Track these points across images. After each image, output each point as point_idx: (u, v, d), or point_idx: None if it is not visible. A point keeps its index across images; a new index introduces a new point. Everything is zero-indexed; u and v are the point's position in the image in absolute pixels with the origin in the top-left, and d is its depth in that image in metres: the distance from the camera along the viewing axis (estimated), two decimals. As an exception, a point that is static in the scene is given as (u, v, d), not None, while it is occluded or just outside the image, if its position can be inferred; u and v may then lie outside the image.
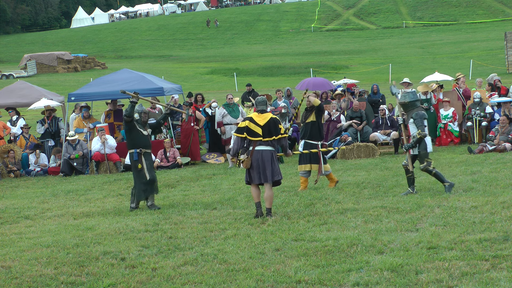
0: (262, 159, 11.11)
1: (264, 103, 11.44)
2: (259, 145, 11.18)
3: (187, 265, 8.48)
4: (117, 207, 13.15)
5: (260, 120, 11.24)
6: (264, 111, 11.39)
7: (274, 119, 11.31)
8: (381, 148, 19.27)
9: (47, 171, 19.57)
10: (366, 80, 43.35)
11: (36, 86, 24.06)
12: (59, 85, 50.98)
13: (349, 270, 7.81)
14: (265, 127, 11.21)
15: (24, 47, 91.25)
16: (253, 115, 11.39)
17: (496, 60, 51.64)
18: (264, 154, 11.15)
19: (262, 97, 11.63)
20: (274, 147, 11.28)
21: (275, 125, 11.26)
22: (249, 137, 11.24)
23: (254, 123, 11.24)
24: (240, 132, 11.33)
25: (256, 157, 11.15)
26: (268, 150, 11.20)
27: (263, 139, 11.18)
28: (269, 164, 11.11)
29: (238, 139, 11.37)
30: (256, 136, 11.20)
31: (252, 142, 11.22)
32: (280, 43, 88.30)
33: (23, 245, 10.16)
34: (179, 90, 21.23)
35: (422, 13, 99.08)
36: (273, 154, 11.23)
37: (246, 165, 11.21)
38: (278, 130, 11.26)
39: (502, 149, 17.72)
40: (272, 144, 11.24)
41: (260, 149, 11.17)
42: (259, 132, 11.19)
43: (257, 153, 11.17)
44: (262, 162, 11.10)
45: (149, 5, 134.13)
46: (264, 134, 11.20)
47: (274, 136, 11.21)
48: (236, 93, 33.75)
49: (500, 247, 8.35)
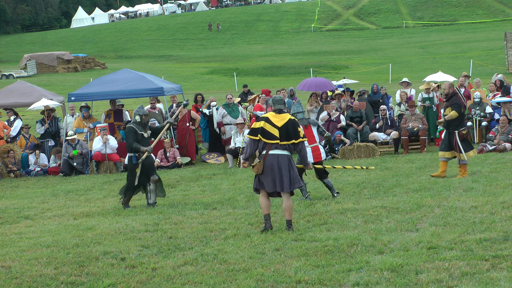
0: (279, 164, 9.92)
1: (281, 102, 10.25)
2: (275, 148, 9.97)
3: (187, 265, 8.48)
4: (117, 207, 13.14)
5: (278, 121, 10.04)
6: (282, 111, 10.19)
7: (293, 120, 10.12)
8: (381, 148, 19.27)
9: (47, 171, 19.57)
10: (366, 80, 43.33)
11: (36, 86, 24.06)
12: (59, 85, 50.97)
13: (349, 270, 7.81)
14: (283, 128, 10.00)
15: (24, 47, 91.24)
16: (269, 115, 10.16)
17: (496, 60, 51.62)
18: (280, 159, 9.95)
19: (279, 96, 10.58)
20: (291, 152, 10.12)
21: (294, 127, 10.08)
22: (264, 139, 10.00)
23: (271, 123, 10.01)
24: (254, 134, 10.07)
25: (270, 162, 9.93)
26: (285, 154, 10.00)
27: (280, 142, 9.98)
28: (287, 170, 9.95)
29: (251, 142, 10.12)
30: (273, 138, 9.97)
31: (267, 145, 10.00)
32: (280, 43, 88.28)
33: (23, 245, 10.16)
34: (179, 90, 21.23)
35: (422, 13, 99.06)
36: (290, 159, 10.05)
37: (257, 170, 9.97)
38: (298, 133, 10.09)
39: (502, 149, 17.72)
40: (289, 148, 10.05)
41: (276, 153, 9.96)
42: (276, 134, 9.96)
43: (272, 157, 9.95)
44: (279, 168, 9.92)
45: (149, 5, 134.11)
46: (282, 136, 9.98)
47: (294, 140, 10.04)
48: (236, 93, 33.71)
49: (500, 247, 8.35)
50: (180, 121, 20.13)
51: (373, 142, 19.22)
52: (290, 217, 10.09)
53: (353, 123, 19.76)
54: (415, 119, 19.23)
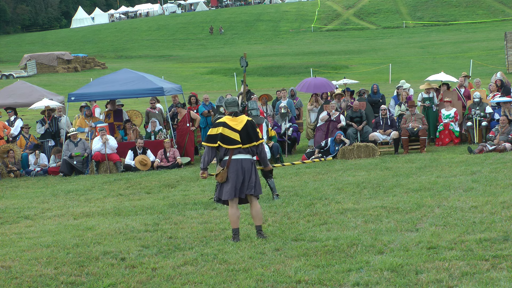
0: (243, 169, 9.45)
1: (235, 103, 9.72)
2: (238, 153, 9.48)
3: (187, 265, 8.48)
4: (117, 207, 13.14)
5: (236, 124, 9.54)
6: (238, 113, 9.70)
7: (251, 121, 9.69)
8: (381, 148, 19.26)
9: (47, 171, 19.56)
10: (366, 80, 43.34)
11: (36, 86, 24.08)
12: (59, 85, 50.99)
13: (349, 270, 7.81)
14: (243, 131, 9.51)
15: (24, 47, 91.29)
16: (226, 119, 9.60)
17: (496, 60, 51.64)
18: (244, 163, 9.48)
19: (232, 97, 9.95)
20: (254, 155, 9.64)
21: (253, 128, 9.63)
22: (225, 145, 9.48)
23: (230, 128, 9.50)
24: (213, 141, 9.52)
25: (235, 168, 9.43)
26: (248, 159, 9.54)
27: (242, 146, 9.50)
28: (253, 174, 9.50)
29: (209, 150, 9.55)
30: (234, 143, 9.46)
31: (229, 150, 9.50)
32: (280, 43, 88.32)
33: (23, 245, 10.16)
34: (179, 90, 21.23)
35: (422, 13, 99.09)
36: (253, 163, 9.60)
37: (221, 178, 9.44)
38: (257, 134, 9.64)
39: (502, 149, 17.71)
40: (252, 151, 9.58)
41: (239, 157, 9.48)
42: (237, 139, 9.46)
43: (235, 162, 9.45)
44: (243, 173, 9.44)
45: (149, 5, 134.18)
46: (243, 140, 9.49)
47: (255, 142, 9.56)
48: (236, 93, 33.71)
49: (500, 247, 8.35)
50: (180, 122, 20.14)
51: (373, 142, 19.21)
52: (260, 222, 9.70)
53: (353, 123, 19.75)
54: (415, 119, 19.22)
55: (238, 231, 9.62)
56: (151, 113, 21.13)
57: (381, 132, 19.39)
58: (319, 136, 19.66)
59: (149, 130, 20.56)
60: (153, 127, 20.35)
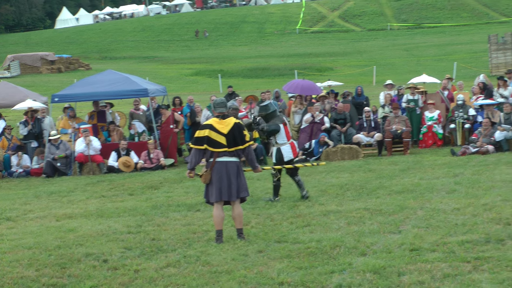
0: (227, 172, 9.45)
1: (223, 105, 9.67)
2: (223, 155, 9.49)
3: (169, 267, 8.45)
4: (99, 209, 13.08)
5: (223, 127, 9.52)
6: (226, 115, 9.68)
7: (238, 124, 9.62)
8: (364, 150, 19.30)
9: (29, 173, 19.44)
10: (350, 82, 43.39)
11: (20, 87, 23.92)
12: (42, 85, 50.66)
13: (332, 272, 7.81)
14: (230, 135, 9.49)
15: (7, 48, 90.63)
16: (213, 122, 9.60)
17: (480, 62, 51.92)
18: (229, 166, 9.48)
19: (220, 98, 9.89)
20: (239, 157, 9.64)
21: (240, 131, 9.57)
22: (211, 148, 9.49)
23: (216, 131, 9.49)
24: (199, 144, 9.53)
25: (219, 170, 9.45)
26: (234, 161, 9.53)
27: (228, 149, 9.50)
28: (235, 178, 9.50)
29: (196, 152, 9.58)
30: (220, 146, 9.47)
31: (214, 153, 9.52)
32: (265, 45, 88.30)
33: (4, 246, 10.09)
34: (164, 92, 21.19)
35: (407, 15, 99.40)
36: (239, 166, 9.62)
37: (205, 179, 9.51)
38: (244, 137, 9.59)
39: (485, 151, 17.81)
40: (237, 154, 9.58)
41: (224, 160, 9.48)
42: (223, 142, 9.47)
43: (220, 165, 9.46)
44: (227, 176, 9.45)
45: (133, 6, 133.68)
46: (229, 143, 9.49)
47: (240, 145, 9.55)
48: (220, 94, 33.72)
49: (482, 249, 8.39)
50: (164, 123, 20.10)
51: (357, 144, 19.25)
52: (241, 225, 9.69)
53: (337, 125, 19.78)
54: (399, 121, 19.29)
55: (221, 233, 9.64)
56: (134, 114, 21.08)
57: (365, 134, 19.46)
58: (303, 138, 19.68)
59: (132, 132, 20.51)
60: (134, 129, 20.32)
